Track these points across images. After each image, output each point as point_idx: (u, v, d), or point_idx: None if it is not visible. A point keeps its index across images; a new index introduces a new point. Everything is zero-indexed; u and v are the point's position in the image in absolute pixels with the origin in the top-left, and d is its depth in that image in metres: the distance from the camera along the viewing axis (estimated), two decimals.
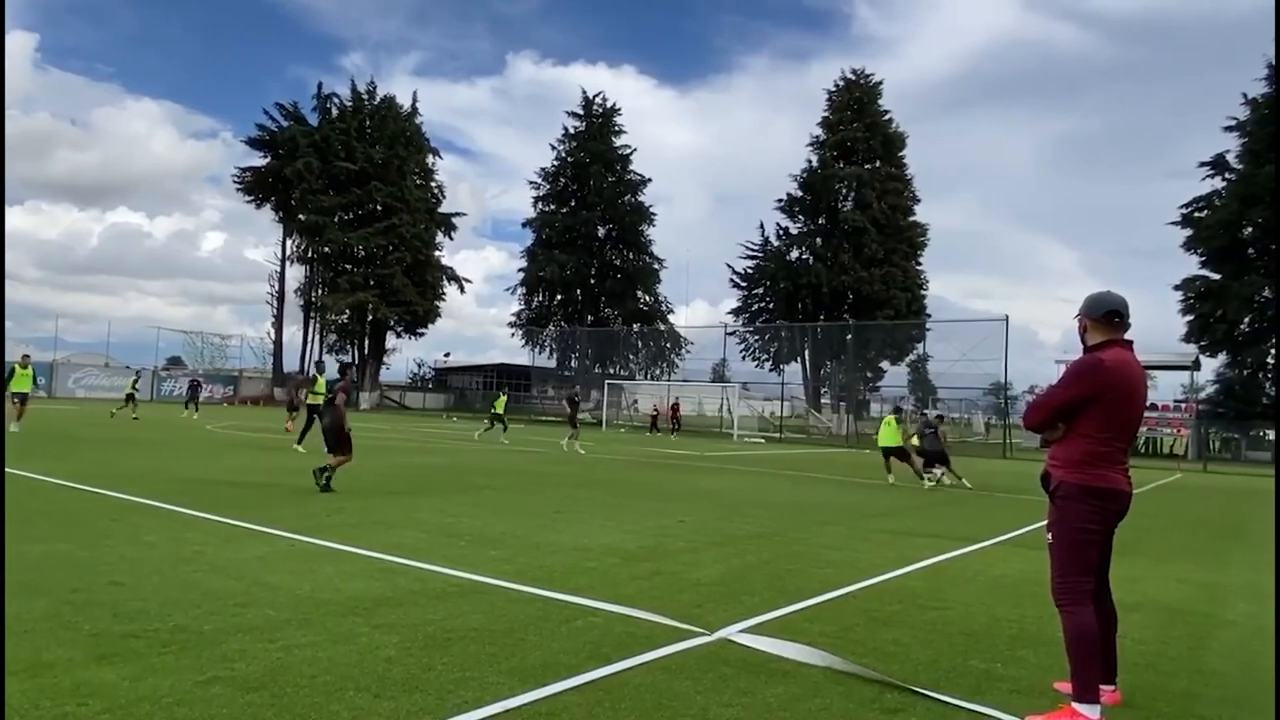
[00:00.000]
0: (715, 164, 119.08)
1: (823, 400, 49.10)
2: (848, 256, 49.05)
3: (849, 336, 44.13)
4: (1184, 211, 40.91)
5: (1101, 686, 3.51)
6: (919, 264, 51.87)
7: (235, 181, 57.45)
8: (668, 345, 55.97)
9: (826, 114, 52.20)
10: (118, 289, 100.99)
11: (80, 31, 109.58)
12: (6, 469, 10.68)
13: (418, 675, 3.63)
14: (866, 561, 7.12)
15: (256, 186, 57.09)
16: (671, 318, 59.27)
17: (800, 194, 51.93)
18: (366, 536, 7.03)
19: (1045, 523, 3.70)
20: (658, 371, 55.15)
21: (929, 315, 49.01)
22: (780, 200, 52.58)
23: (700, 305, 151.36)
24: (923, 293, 51.46)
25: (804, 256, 51.62)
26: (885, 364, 48.90)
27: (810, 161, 51.96)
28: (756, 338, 50.71)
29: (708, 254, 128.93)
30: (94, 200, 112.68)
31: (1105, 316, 3.68)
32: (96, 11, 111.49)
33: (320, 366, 18.65)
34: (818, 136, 52.16)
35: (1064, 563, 3.58)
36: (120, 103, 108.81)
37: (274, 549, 6.38)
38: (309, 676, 3.53)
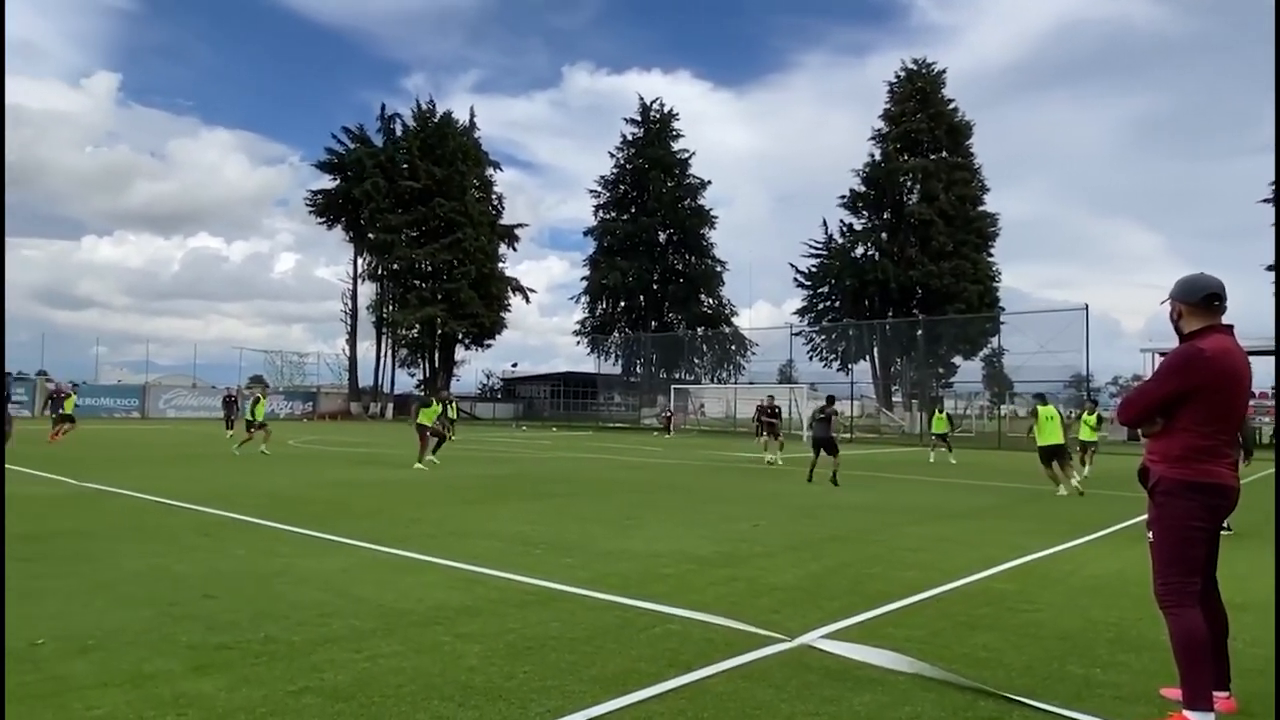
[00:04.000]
0: (774, 164, 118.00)
1: (894, 399, 48.05)
2: (915, 251, 47.93)
3: (919, 332, 43.11)
4: (1275, 188, 38.67)
5: (1214, 693, 3.30)
6: (990, 255, 50.33)
7: (307, 204, 59.43)
8: (733, 348, 55.61)
9: (888, 106, 51.18)
10: (199, 312, 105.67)
11: (162, 69, 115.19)
12: (103, 487, 11.25)
13: (500, 684, 3.65)
14: (950, 563, 6.90)
15: (327, 208, 58.92)
16: (735, 320, 58.92)
17: (863, 189, 51.02)
18: (444, 546, 7.13)
19: (1145, 520, 3.51)
20: (724, 375, 54.82)
21: (1003, 308, 47.44)
22: (843, 196, 51.76)
23: (764, 306, 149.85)
24: (995, 285, 49.88)
25: (870, 253, 50.65)
26: (958, 359, 47.58)
27: (873, 155, 51.02)
28: (823, 337, 49.95)
29: (770, 254, 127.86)
30: (173, 228, 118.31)
31: (1203, 301, 3.46)
32: (177, 50, 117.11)
33: (445, 400, 20.50)
34: (880, 130, 51.18)
35: (1167, 562, 3.39)
36: (196, 133, 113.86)
37: (356, 560, 6.54)
38: (394, 686, 3.58)
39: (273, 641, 4.20)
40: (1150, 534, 3.48)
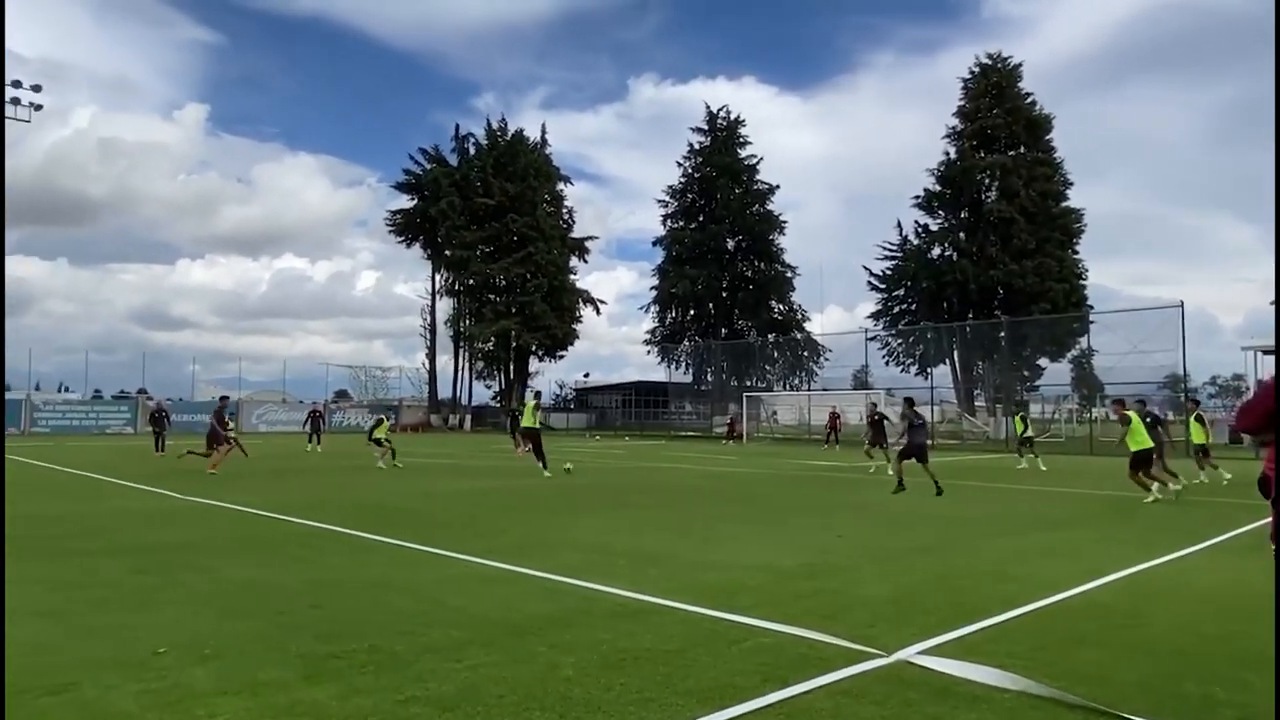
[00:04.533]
0: (844, 166, 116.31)
1: (976, 403, 46.61)
2: (995, 250, 46.49)
3: (1002, 334, 41.70)
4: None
5: None
6: (1076, 252, 48.40)
7: (387, 224, 61.43)
8: (805, 354, 54.87)
9: (962, 103, 49.87)
10: (286, 330, 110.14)
11: (246, 99, 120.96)
12: (206, 500, 11.81)
13: (598, 696, 3.68)
14: (1049, 576, 6.65)
15: (405, 227, 60.78)
16: (807, 325, 58.14)
17: (939, 189, 49.78)
18: (530, 557, 7.24)
19: (1268, 530, 3.33)
20: (796, 381, 54.15)
21: (1091, 306, 45.53)
22: (917, 197, 50.61)
23: (835, 311, 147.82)
24: (1082, 283, 47.93)
25: (947, 253, 49.34)
26: (1044, 361, 45.83)
27: (948, 154, 49.75)
28: (899, 341, 48.81)
29: (841, 258, 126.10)
30: (260, 250, 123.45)
31: None
32: (260, 80, 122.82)
33: (537, 395, 22.11)
34: (954, 127, 49.89)
35: None
36: (280, 159, 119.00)
37: (449, 571, 6.70)
38: (496, 696, 3.66)
39: (377, 651, 4.34)
40: (1275, 545, 3.30)
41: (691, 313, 59.23)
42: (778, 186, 58.52)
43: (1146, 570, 7.01)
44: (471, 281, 57.52)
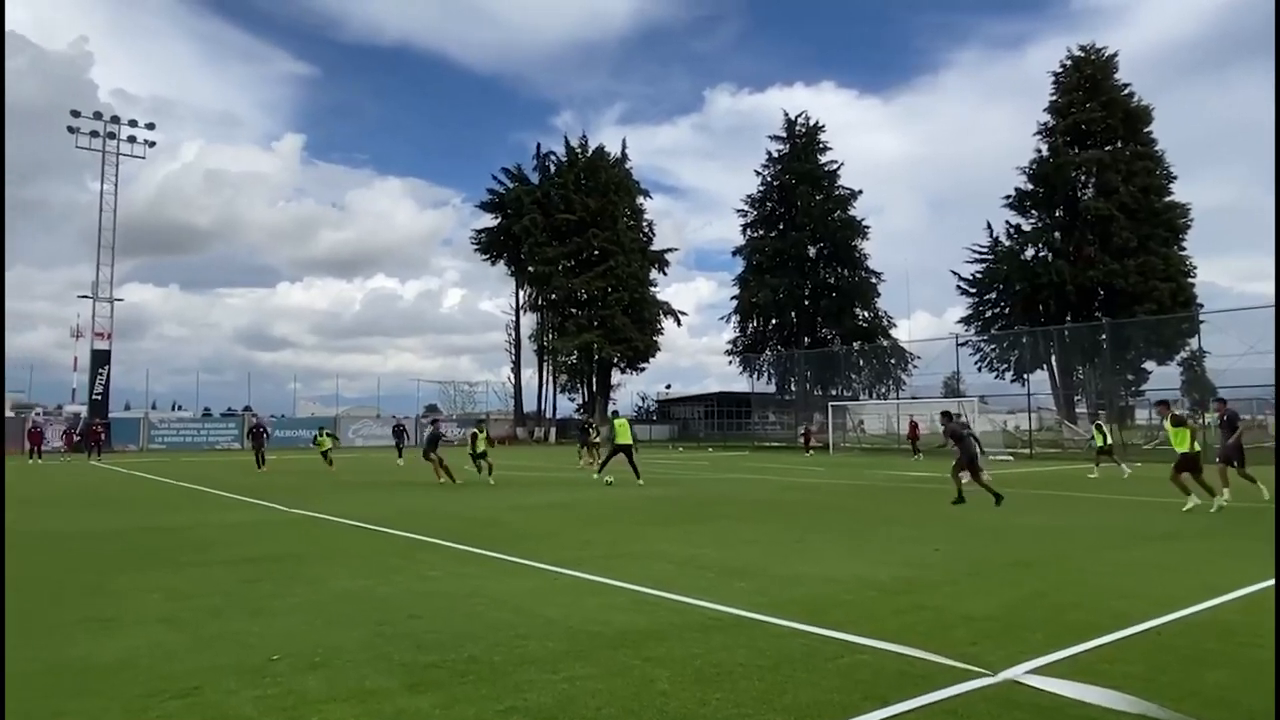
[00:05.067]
0: (928, 168, 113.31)
1: (1077, 410, 44.54)
2: (1094, 249, 44.49)
3: (1103, 337, 39.77)
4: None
5: None
6: (1182, 249, 45.86)
7: (472, 242, 63.20)
8: (892, 361, 53.56)
9: (1054, 98, 48.03)
10: (379, 347, 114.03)
11: (340, 128, 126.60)
12: (309, 512, 12.32)
13: (694, 710, 3.67)
14: (1164, 592, 6.29)
15: (490, 245, 62.38)
16: (894, 332, 56.81)
17: (1031, 187, 48.03)
18: (620, 569, 7.29)
19: None
20: (884, 390, 52.88)
21: (1201, 305, 43.00)
22: (1008, 197, 48.93)
23: (923, 317, 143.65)
24: (1190, 281, 45.35)
25: (1042, 254, 47.46)
26: (1150, 364, 43.47)
27: (1040, 151, 47.97)
28: (992, 346, 47.13)
29: (928, 262, 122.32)
30: (353, 271, 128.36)
31: None
32: (352, 109, 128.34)
33: (616, 413, 22.60)
34: (1046, 123, 48.09)
35: None
36: (371, 184, 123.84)
37: (540, 582, 6.80)
38: (594, 709, 3.69)
39: (476, 661, 4.44)
40: None
41: (773, 322, 58.71)
42: (860, 191, 57.60)
43: (1268, 588, 6.54)
44: (554, 296, 58.55)
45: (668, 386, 71.06)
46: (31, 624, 5.41)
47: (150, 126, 47.86)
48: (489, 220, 62.63)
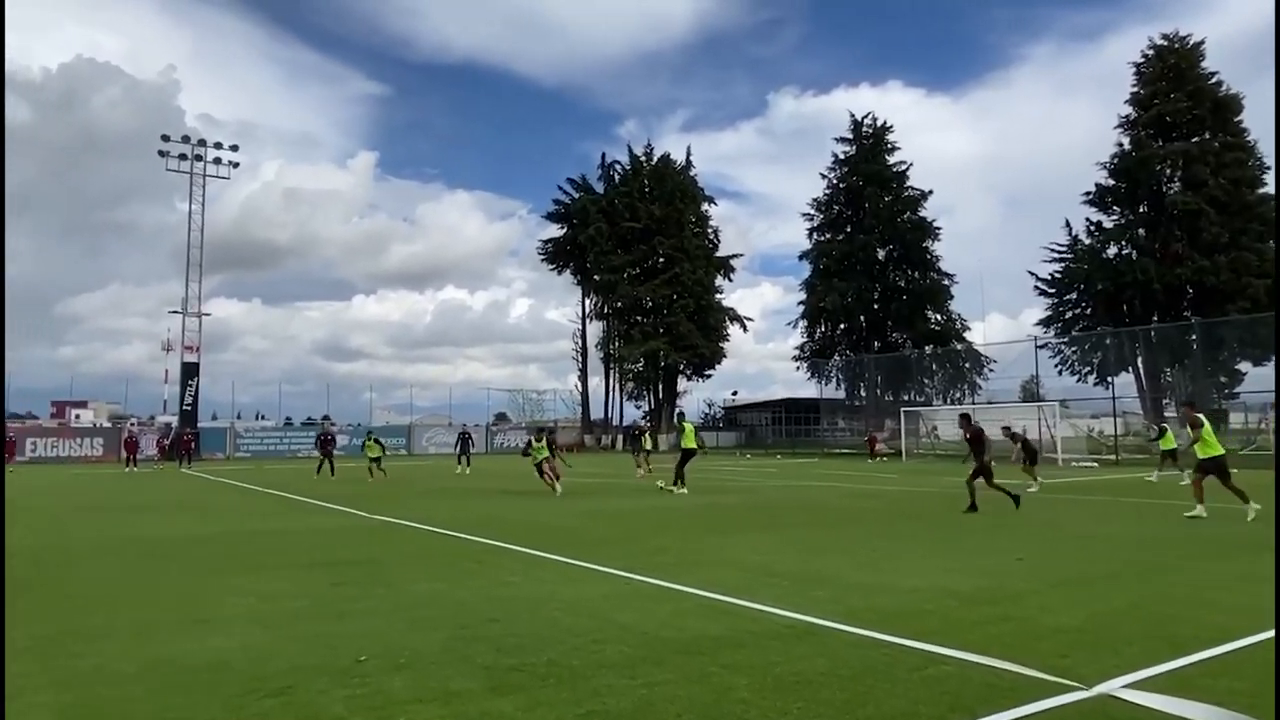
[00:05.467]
0: (1002, 166, 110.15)
1: (1166, 413, 42.52)
2: (1181, 245, 42.52)
3: (1193, 337, 37.94)
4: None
5: None
6: None
7: (539, 252, 64.07)
8: (966, 365, 52.12)
9: (1136, 89, 46.15)
10: (449, 357, 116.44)
11: (411, 144, 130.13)
12: (387, 518, 12.64)
13: (775, 719, 3.63)
14: (1267, 605, 5.94)
15: (556, 255, 63.16)
16: (968, 335, 55.27)
17: (1112, 183, 46.19)
18: (692, 575, 7.26)
19: None
20: (958, 395, 51.48)
21: None
22: (1088, 193, 47.16)
23: (998, 319, 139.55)
24: None
25: (1125, 251, 45.57)
26: (1244, 366, 41.28)
27: (1121, 145, 46.11)
28: (1073, 349, 45.40)
29: (1003, 263, 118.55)
30: (424, 283, 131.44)
31: None
32: (422, 125, 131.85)
33: (683, 415, 21.30)
34: (1128, 116, 46.22)
35: None
36: (440, 198, 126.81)
37: (615, 588, 6.84)
38: (674, 715, 3.69)
39: (555, 665, 4.48)
40: None
41: (842, 326, 57.81)
42: (930, 192, 56.33)
43: None
44: (620, 304, 58.92)
45: (734, 393, 70.64)
46: (135, 623, 5.70)
47: (234, 148, 50.03)
48: (555, 230, 63.46)
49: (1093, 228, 47.33)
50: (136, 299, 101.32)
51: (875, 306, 56.38)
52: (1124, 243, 45.79)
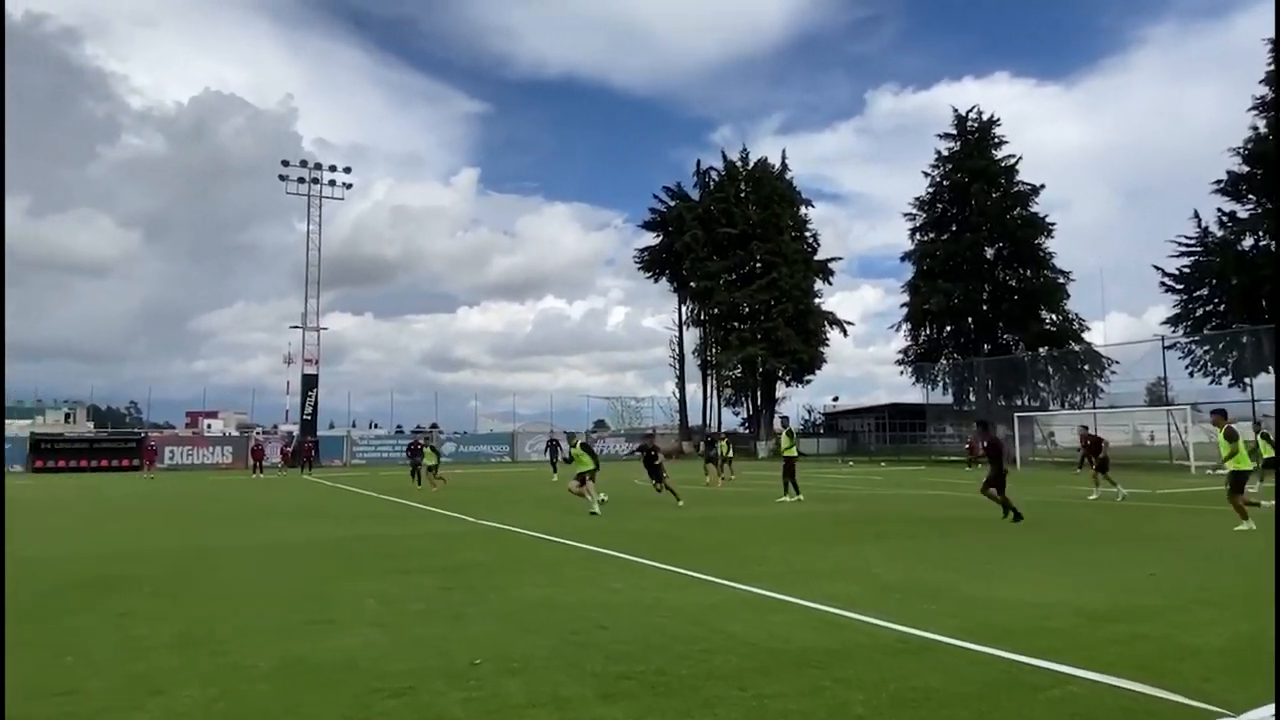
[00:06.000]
0: (1120, 156, 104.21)
1: None
2: None
3: None
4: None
5: None
6: None
7: (635, 261, 64.65)
8: (1085, 367, 49.31)
9: (1270, 67, 42.72)
10: (549, 366, 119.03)
11: (511, 159, 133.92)
12: (495, 524, 12.97)
13: None
14: None
15: (652, 263, 63.57)
16: (1086, 336, 52.25)
17: (1246, 169, 42.85)
18: (797, 586, 7.15)
19: None
20: (1077, 399, 48.79)
21: None
22: (1219, 181, 43.89)
23: (1119, 318, 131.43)
24: None
25: (1263, 243, 42.20)
26: None
27: (1256, 129, 42.71)
28: (1205, 348, 42.34)
29: (1123, 259, 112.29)
30: (525, 294, 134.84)
31: None
32: (522, 141, 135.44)
33: (786, 420, 21.66)
34: (1262, 97, 42.79)
35: None
36: (539, 210, 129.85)
37: (720, 597, 6.80)
38: None
39: (664, 674, 4.50)
40: None
41: (949, 328, 55.69)
42: (1042, 186, 53.56)
43: None
44: (717, 310, 58.73)
45: (835, 399, 69.15)
46: (267, 623, 6.05)
47: (347, 170, 52.65)
48: (650, 239, 63.89)
49: (1225, 218, 44.03)
50: (260, 315, 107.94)
51: (984, 307, 54.07)
52: (1261, 233, 42.41)
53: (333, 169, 52.09)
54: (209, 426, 55.74)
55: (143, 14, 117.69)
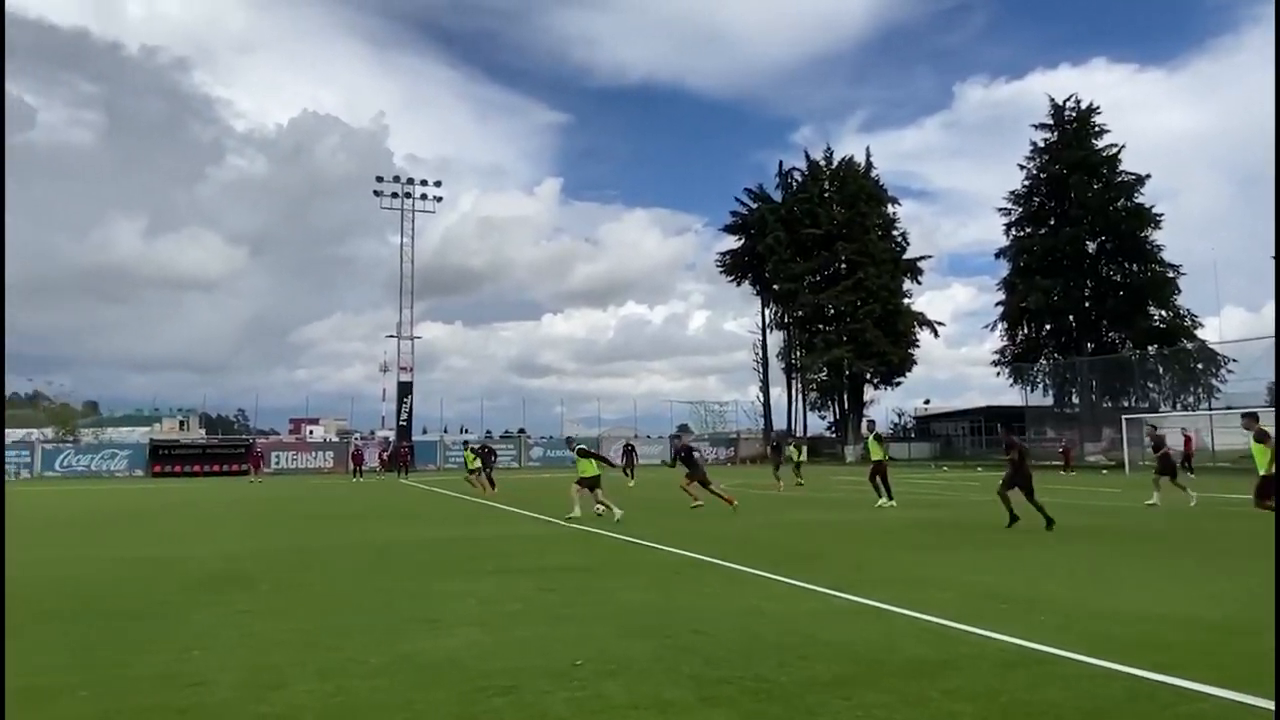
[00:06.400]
0: (1233, 141, 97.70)
1: None
2: None
3: None
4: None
5: None
6: None
7: (717, 265, 64.47)
8: (1199, 366, 46.49)
9: None
10: (631, 371, 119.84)
11: (591, 167, 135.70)
12: (585, 527, 13.12)
13: None
14: None
15: (734, 266, 63.27)
16: (1200, 333, 49.24)
17: None
18: (898, 594, 6.97)
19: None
20: (1190, 399, 46.04)
21: None
22: None
23: (1235, 313, 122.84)
24: None
25: None
26: None
27: None
28: None
29: (1240, 250, 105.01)
30: (606, 300, 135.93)
31: None
32: (602, 150, 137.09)
33: (872, 425, 21.05)
34: None
35: None
36: (620, 217, 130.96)
37: (818, 605, 6.71)
38: None
39: (764, 680, 4.46)
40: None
41: (1048, 327, 53.43)
42: (1147, 176, 50.85)
43: None
44: (801, 313, 58.00)
45: (926, 401, 67.25)
46: (375, 621, 6.28)
47: (437, 184, 54.33)
48: (732, 242, 63.60)
49: None
50: (356, 325, 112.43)
51: (1086, 304, 51.66)
52: None
53: (423, 183, 53.84)
54: (311, 432, 58.30)
55: (245, 41, 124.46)
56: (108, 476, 42.91)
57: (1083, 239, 50.93)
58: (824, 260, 57.13)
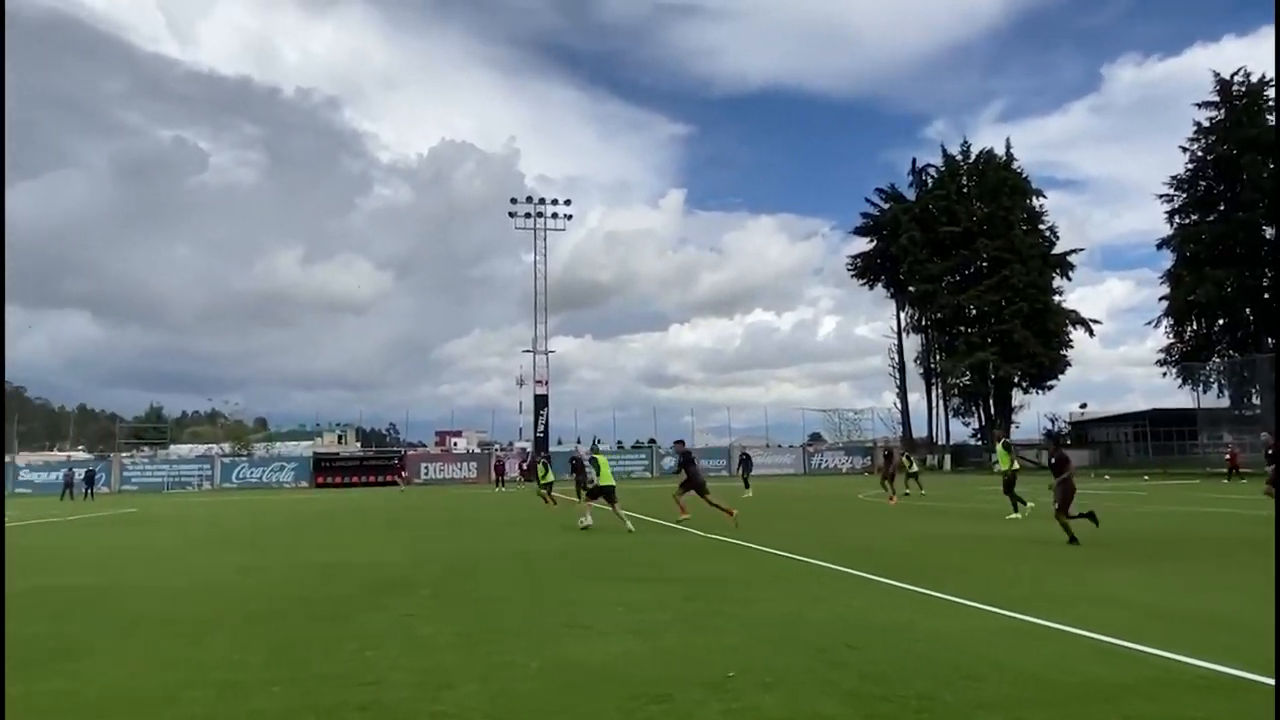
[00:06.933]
0: None
1: None
2: None
3: None
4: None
5: None
6: None
7: (848, 268, 62.93)
8: None
9: None
10: (760, 379, 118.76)
11: (715, 177, 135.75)
12: (722, 538, 13.08)
13: None
14: None
15: (866, 269, 61.53)
16: None
17: None
18: (1060, 611, 6.56)
19: None
20: None
21: None
22: None
23: None
24: None
25: None
26: None
27: None
28: None
29: None
30: (732, 308, 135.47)
31: None
32: (725, 158, 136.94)
33: (1001, 435, 20.38)
34: None
35: None
36: (744, 225, 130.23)
37: (979, 622, 6.41)
38: None
39: (928, 699, 4.31)
40: None
41: (1221, 322, 48.89)
42: None
43: None
44: (939, 314, 55.68)
45: (1082, 405, 62.79)
46: (529, 626, 6.52)
47: (567, 202, 56.00)
48: (863, 244, 61.93)
49: None
50: (493, 341, 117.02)
51: (1265, 296, 46.89)
52: None
53: (554, 202, 55.56)
54: (455, 444, 61.08)
55: (387, 77, 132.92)
56: (277, 487, 46.61)
57: (1259, 224, 46.30)
58: (964, 259, 54.59)
